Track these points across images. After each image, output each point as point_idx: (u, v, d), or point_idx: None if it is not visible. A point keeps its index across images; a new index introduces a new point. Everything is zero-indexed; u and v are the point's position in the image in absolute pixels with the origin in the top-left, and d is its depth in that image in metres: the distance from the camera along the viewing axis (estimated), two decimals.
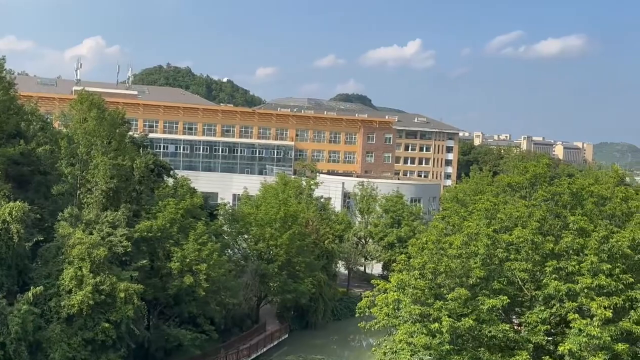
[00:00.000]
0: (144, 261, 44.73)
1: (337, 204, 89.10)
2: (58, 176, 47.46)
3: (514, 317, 35.02)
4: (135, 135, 60.07)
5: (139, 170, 49.48)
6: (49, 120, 57.00)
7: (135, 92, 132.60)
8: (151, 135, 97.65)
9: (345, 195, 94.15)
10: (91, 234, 42.54)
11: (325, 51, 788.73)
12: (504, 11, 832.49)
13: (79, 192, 47.08)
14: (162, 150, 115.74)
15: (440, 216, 44.03)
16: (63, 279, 40.01)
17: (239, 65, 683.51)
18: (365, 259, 79.89)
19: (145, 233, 45.83)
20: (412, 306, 30.97)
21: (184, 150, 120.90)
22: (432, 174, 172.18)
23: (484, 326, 30.50)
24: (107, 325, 39.83)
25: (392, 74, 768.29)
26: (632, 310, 29.61)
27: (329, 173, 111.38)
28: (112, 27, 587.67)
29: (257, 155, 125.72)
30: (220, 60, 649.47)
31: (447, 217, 41.76)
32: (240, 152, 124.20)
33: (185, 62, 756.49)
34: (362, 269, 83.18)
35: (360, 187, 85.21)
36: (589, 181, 39.59)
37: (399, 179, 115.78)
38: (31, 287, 38.95)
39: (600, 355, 27.89)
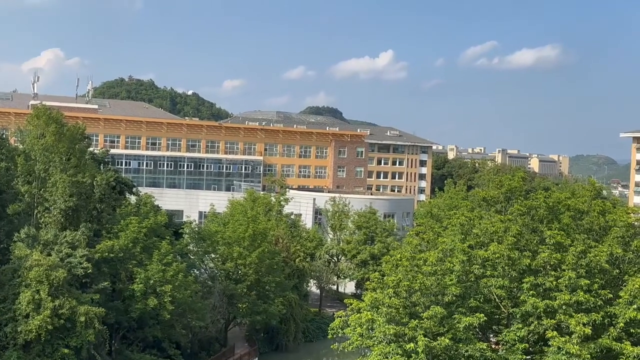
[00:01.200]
0: (106, 283, 44.14)
1: (308, 221, 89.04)
2: (14, 195, 46.75)
3: (492, 335, 35.22)
4: (96, 151, 59.49)
5: (99, 187, 48.99)
6: (4, 136, 56.19)
7: (96, 106, 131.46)
8: (112, 151, 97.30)
9: (317, 212, 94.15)
10: (49, 255, 41.89)
11: (295, 62, 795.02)
12: (478, 22, 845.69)
13: (36, 211, 46.43)
14: (124, 166, 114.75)
15: (415, 232, 44.21)
16: (20, 303, 39.28)
17: (204, 77, 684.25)
18: (338, 277, 79.78)
19: (107, 254, 45.25)
20: (386, 326, 30.95)
21: (147, 166, 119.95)
22: (406, 189, 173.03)
23: (461, 345, 30.59)
24: (66, 351, 39.14)
25: (364, 86, 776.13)
26: (612, 327, 29.94)
27: (299, 189, 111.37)
28: (71, 39, 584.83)
29: (224, 170, 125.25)
30: (184, 72, 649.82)
31: (421, 233, 42.00)
32: (207, 168, 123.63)
33: (148, 74, 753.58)
34: (334, 287, 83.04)
35: (332, 202, 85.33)
36: (566, 195, 40.16)
37: (371, 194, 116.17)
38: None
39: None
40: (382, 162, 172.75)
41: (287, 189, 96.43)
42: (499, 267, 33.11)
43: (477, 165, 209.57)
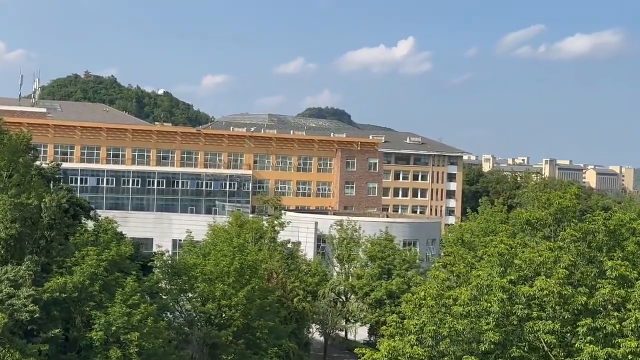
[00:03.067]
0: (57, 330, 44.00)
1: (309, 250, 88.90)
2: None
3: None
4: (44, 166, 59.54)
5: (49, 211, 48.97)
6: None
7: (44, 110, 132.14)
8: (65, 165, 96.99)
9: (320, 239, 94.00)
10: None
11: (292, 53, 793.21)
12: (519, 0, 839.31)
13: None
14: (79, 184, 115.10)
15: (442, 263, 44.20)
16: None
17: (178, 73, 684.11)
18: (347, 321, 79.52)
19: (58, 293, 45.14)
20: None
21: (108, 183, 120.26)
22: (430, 209, 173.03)
23: None
24: None
25: (378, 81, 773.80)
26: None
27: (297, 210, 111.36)
28: (13, 27, 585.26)
29: (203, 188, 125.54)
30: (154, 66, 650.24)
31: (450, 265, 41.95)
32: (182, 185, 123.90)
33: (108, 69, 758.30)
34: (342, 334, 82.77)
35: (339, 227, 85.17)
36: (631, 215, 40.07)
37: (387, 217, 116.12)
38: None
39: None
40: (401, 176, 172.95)
41: (283, 211, 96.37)
42: (548, 307, 33.01)
43: (519, 179, 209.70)
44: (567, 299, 32.70)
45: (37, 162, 58.35)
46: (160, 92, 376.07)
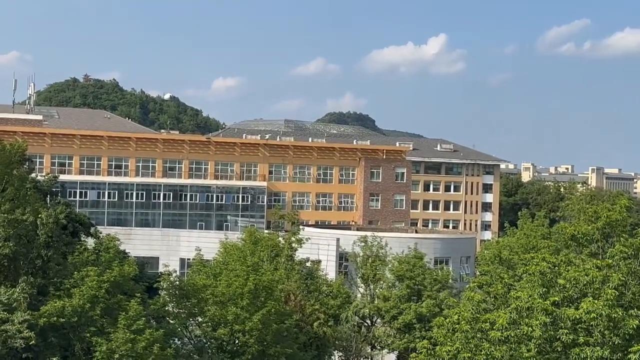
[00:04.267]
0: (54, 358, 44.19)
1: (330, 270, 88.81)
2: None
3: None
4: (41, 178, 59.89)
5: (45, 228, 49.25)
6: None
7: (40, 117, 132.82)
8: (63, 177, 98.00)
9: (342, 257, 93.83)
10: None
11: (311, 53, 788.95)
12: None
13: None
14: (78, 198, 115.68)
15: (477, 283, 43.95)
16: None
17: (186, 75, 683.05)
18: (372, 347, 79.32)
19: (56, 318, 45.35)
20: None
21: (110, 197, 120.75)
22: (464, 224, 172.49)
23: None
24: None
25: (406, 83, 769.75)
26: None
27: (317, 225, 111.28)
28: (6, 26, 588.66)
29: (214, 202, 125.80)
30: (159, 69, 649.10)
31: (486, 285, 41.73)
32: (191, 199, 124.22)
33: (110, 73, 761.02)
34: None
35: (363, 244, 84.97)
36: None
37: (416, 232, 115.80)
38: None
39: None
40: (431, 187, 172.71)
41: (301, 226, 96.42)
42: (596, 332, 32.80)
43: (562, 190, 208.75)
44: (617, 322, 32.47)
45: (33, 175, 58.64)
46: (167, 96, 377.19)
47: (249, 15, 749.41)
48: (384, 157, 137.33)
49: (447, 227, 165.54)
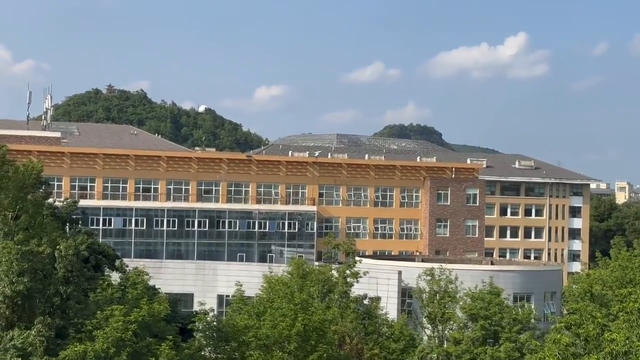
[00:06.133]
0: None
1: (391, 308, 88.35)
2: None
3: None
4: (59, 204, 60.45)
5: (64, 260, 49.60)
6: None
7: (58, 134, 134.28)
8: (83, 202, 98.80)
9: (405, 293, 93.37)
10: None
11: (368, 57, 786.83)
12: None
13: None
14: (101, 226, 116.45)
15: (565, 323, 43.44)
16: None
17: (224, 84, 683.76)
18: None
19: None
20: None
21: (137, 225, 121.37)
22: (548, 254, 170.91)
23: None
24: None
25: (478, 90, 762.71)
26: None
27: (375, 256, 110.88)
28: (22, 33, 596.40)
29: (256, 229, 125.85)
30: (192, 78, 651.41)
31: (575, 325, 41.22)
32: (229, 226, 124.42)
33: (137, 82, 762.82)
34: None
35: (429, 278, 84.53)
36: None
37: (492, 263, 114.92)
38: None
39: None
40: (509, 211, 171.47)
41: (357, 258, 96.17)
42: None
43: None
44: None
45: (50, 200, 59.34)
46: (201, 109, 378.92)
47: (296, 14, 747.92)
48: (453, 176, 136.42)
49: (528, 257, 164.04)
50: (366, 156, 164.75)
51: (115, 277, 58.15)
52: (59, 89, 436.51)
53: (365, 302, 78.95)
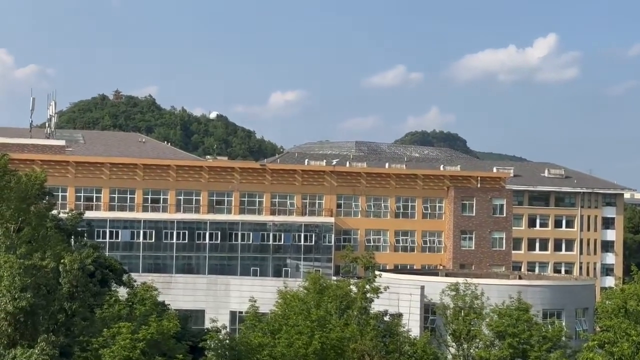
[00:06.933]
0: None
1: (413, 325, 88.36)
2: None
3: None
4: (63, 216, 60.84)
5: (69, 275, 49.94)
6: None
7: (62, 142, 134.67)
8: (89, 214, 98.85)
9: (428, 309, 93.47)
10: None
11: (389, 59, 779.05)
12: None
13: None
14: (108, 239, 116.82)
15: (598, 342, 43.73)
16: None
17: (237, 89, 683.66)
18: None
19: None
20: None
21: (145, 237, 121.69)
22: (580, 268, 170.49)
23: None
24: None
25: (505, 94, 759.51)
26: None
27: (397, 270, 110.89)
28: (25, 36, 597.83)
29: (270, 242, 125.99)
30: (203, 83, 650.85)
31: (609, 344, 41.49)
32: (242, 239, 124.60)
33: (145, 88, 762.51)
34: None
35: (454, 293, 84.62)
36: None
37: (520, 278, 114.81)
38: None
39: None
40: (538, 222, 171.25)
41: (377, 272, 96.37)
42: None
43: None
44: None
45: (54, 212, 59.73)
46: (213, 115, 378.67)
47: (313, 14, 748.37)
48: (478, 185, 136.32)
49: (559, 271, 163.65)
50: (386, 165, 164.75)
51: (122, 292, 58.47)
52: (63, 95, 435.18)
53: (386, 318, 79.06)
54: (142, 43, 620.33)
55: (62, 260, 49.93)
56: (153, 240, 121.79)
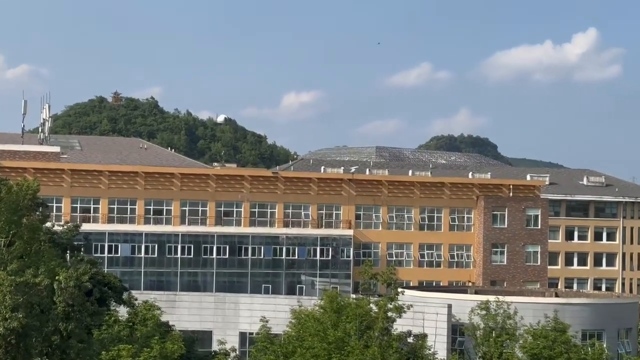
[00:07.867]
0: None
1: (440, 347, 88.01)
2: None
3: None
4: (58, 228, 60.49)
5: (64, 293, 49.61)
6: None
7: (57, 149, 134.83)
8: (86, 226, 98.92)
9: (456, 330, 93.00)
10: None
11: (413, 57, 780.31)
12: None
13: None
14: (106, 253, 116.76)
15: None
16: None
17: (247, 90, 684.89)
18: None
19: None
20: None
21: (147, 252, 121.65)
22: (623, 284, 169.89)
23: None
24: None
25: (540, 95, 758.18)
26: None
27: (421, 287, 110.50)
28: (16, 35, 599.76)
29: (283, 257, 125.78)
30: (210, 84, 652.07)
31: None
32: (253, 253, 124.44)
33: (147, 89, 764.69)
34: None
35: (484, 312, 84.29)
36: None
37: (557, 295, 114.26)
38: None
39: None
40: (576, 234, 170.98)
41: (400, 289, 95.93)
42: None
43: None
44: None
45: (48, 224, 59.32)
46: (220, 119, 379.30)
47: (329, 8, 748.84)
48: (511, 194, 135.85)
49: (599, 288, 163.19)
50: (410, 172, 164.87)
51: (122, 312, 58.15)
52: (58, 98, 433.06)
53: (410, 340, 78.69)
54: (143, 41, 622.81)
55: (56, 277, 49.67)
56: (156, 255, 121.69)
